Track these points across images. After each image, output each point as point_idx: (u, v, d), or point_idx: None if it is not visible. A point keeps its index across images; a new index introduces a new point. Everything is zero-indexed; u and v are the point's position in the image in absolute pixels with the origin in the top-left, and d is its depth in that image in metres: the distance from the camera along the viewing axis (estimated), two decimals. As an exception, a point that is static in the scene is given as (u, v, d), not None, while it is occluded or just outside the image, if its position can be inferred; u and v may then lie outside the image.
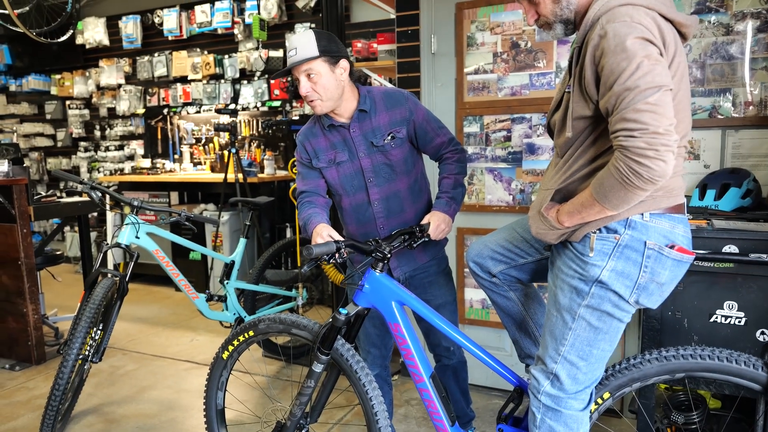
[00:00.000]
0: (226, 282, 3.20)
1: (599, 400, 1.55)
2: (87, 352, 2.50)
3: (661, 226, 1.33)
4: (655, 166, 1.14)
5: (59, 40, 4.20)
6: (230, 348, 1.92)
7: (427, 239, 1.81)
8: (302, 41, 1.78)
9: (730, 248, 1.83)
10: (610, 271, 1.34)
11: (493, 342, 2.83)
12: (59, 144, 6.64)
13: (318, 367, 1.69)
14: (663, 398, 2.21)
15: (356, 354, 1.71)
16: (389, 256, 1.62)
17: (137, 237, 2.79)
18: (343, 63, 1.85)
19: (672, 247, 1.33)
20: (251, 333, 1.87)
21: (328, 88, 1.82)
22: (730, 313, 1.89)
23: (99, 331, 2.53)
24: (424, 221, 1.87)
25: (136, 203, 2.76)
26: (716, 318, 1.91)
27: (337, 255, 1.54)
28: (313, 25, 4.94)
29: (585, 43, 1.28)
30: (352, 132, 1.92)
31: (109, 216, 5.14)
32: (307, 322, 1.78)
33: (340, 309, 1.65)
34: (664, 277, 1.35)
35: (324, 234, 1.76)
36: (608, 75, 1.19)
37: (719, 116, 2.39)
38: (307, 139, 1.99)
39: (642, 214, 1.33)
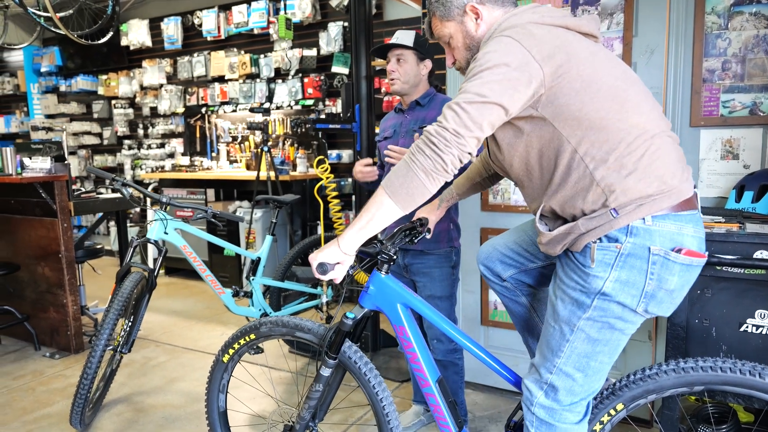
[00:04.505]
0: (251, 278, 3.25)
1: (612, 411, 1.48)
2: (118, 343, 2.59)
3: (666, 229, 1.24)
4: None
5: (99, 41, 4.38)
6: (230, 351, 1.88)
7: (427, 234, 1.78)
8: (405, 34, 2.24)
9: (762, 254, 1.72)
10: (613, 281, 1.27)
11: (517, 345, 2.76)
12: (105, 142, 6.92)
13: (326, 372, 1.66)
14: (691, 410, 2.11)
15: (364, 355, 1.69)
16: (395, 257, 1.59)
17: (166, 233, 2.86)
18: (428, 63, 2.28)
19: (679, 251, 1.24)
20: (252, 336, 1.83)
21: (408, 73, 2.24)
22: (762, 322, 1.78)
23: (129, 323, 2.61)
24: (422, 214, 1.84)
25: (164, 200, 2.83)
26: (747, 327, 1.80)
27: None
28: (345, 24, 4.95)
29: None
30: (406, 117, 2.32)
31: (150, 212, 5.31)
32: (311, 324, 1.75)
33: (347, 314, 1.63)
34: (672, 284, 1.27)
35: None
36: None
37: (761, 113, 2.26)
38: (385, 118, 2.47)
39: (644, 219, 1.24)
